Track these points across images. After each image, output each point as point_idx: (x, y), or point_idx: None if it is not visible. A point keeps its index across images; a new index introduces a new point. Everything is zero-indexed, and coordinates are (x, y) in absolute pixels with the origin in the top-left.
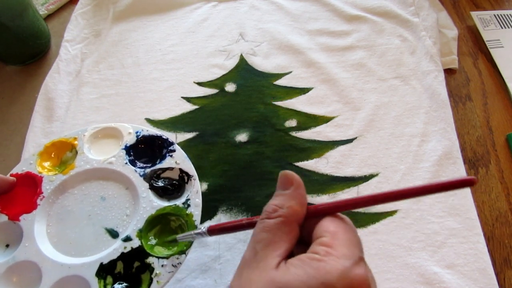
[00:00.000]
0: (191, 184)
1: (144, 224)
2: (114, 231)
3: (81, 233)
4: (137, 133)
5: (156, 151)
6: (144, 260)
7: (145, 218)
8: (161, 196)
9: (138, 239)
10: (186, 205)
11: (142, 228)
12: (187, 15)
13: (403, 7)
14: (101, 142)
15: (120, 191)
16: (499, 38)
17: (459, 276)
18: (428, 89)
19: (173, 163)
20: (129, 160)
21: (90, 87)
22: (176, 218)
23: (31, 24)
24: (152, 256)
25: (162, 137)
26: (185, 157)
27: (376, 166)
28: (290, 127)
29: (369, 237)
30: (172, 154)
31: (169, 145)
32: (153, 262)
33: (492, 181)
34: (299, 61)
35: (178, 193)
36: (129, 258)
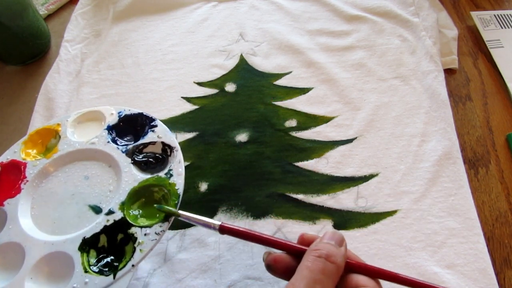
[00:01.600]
0: (174, 156)
1: (126, 196)
2: (98, 207)
3: (65, 212)
4: (119, 113)
5: (138, 129)
6: (127, 231)
7: (128, 191)
8: (144, 170)
9: (121, 211)
10: (168, 175)
11: (125, 200)
12: (187, 15)
13: (403, 7)
14: (84, 125)
15: (103, 169)
16: (499, 38)
17: (459, 276)
18: (428, 89)
19: (155, 137)
20: (111, 139)
21: (90, 87)
22: (159, 188)
23: (31, 24)
24: (134, 226)
25: (143, 114)
26: (167, 131)
27: (376, 166)
28: (290, 127)
29: (369, 237)
30: (154, 129)
31: (151, 121)
32: (136, 231)
33: (492, 181)
34: (299, 61)
35: (161, 165)
36: (112, 230)
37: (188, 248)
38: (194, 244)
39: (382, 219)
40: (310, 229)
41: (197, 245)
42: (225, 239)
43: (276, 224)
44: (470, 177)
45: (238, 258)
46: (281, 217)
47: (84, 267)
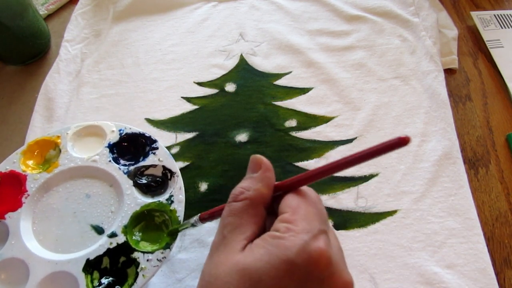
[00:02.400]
0: (174, 181)
1: (129, 220)
2: (100, 228)
3: (67, 230)
4: (120, 131)
5: (139, 149)
6: (130, 255)
7: (130, 215)
8: (145, 193)
9: (124, 235)
10: (169, 201)
11: (127, 224)
12: (187, 15)
13: (403, 7)
14: (84, 140)
15: (105, 189)
16: (499, 38)
17: (459, 276)
18: (428, 89)
19: (156, 161)
20: (113, 158)
21: (90, 87)
22: (160, 214)
23: (31, 24)
24: (137, 251)
25: (145, 134)
26: (168, 155)
27: (376, 166)
28: (290, 127)
29: (369, 237)
30: (155, 152)
31: (152, 143)
32: (139, 257)
33: (492, 181)
34: (299, 61)
35: (161, 189)
36: (115, 253)
37: (188, 248)
38: (194, 244)
39: (382, 219)
40: None
41: (197, 245)
42: None
43: None
44: (470, 177)
45: None
46: None
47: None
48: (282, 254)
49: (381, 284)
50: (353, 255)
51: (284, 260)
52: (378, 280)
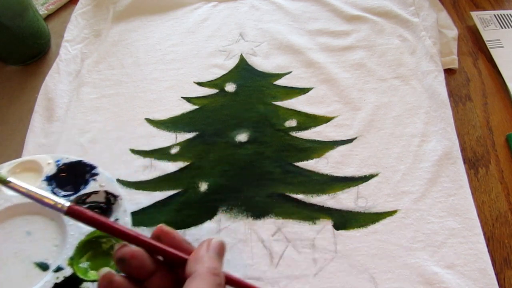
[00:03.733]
0: (118, 204)
1: (74, 251)
2: (44, 264)
3: (9, 272)
4: (57, 162)
5: (79, 178)
6: (79, 286)
7: (75, 245)
8: None
9: (70, 267)
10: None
11: (73, 255)
12: (187, 15)
13: (403, 7)
14: (20, 176)
15: (46, 223)
16: (499, 38)
17: (459, 276)
18: (428, 89)
19: (97, 187)
20: (52, 191)
21: (90, 87)
22: (107, 239)
23: (31, 24)
24: (86, 281)
25: (83, 162)
26: (109, 179)
27: (376, 166)
28: (290, 127)
29: (369, 237)
30: (95, 178)
31: (92, 169)
32: (88, 287)
33: (492, 181)
34: (299, 61)
35: (106, 215)
36: (62, 287)
37: None
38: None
39: (382, 219)
40: (310, 229)
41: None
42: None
43: (276, 224)
44: (470, 177)
45: (238, 258)
46: (281, 217)
47: None
48: None
49: (381, 284)
50: (353, 255)
51: None
52: (378, 280)
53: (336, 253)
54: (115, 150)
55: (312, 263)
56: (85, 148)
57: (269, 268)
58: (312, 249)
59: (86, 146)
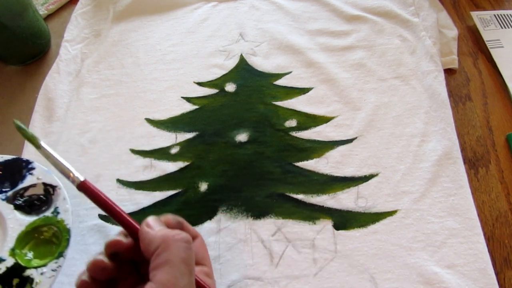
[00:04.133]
0: (57, 194)
1: (15, 242)
2: None
3: None
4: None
5: (15, 174)
6: (22, 274)
7: (15, 237)
8: (29, 213)
9: (12, 257)
10: (55, 213)
11: (14, 246)
12: (187, 15)
13: (403, 7)
14: None
15: None
16: (499, 38)
17: (459, 276)
18: (428, 89)
19: (34, 180)
20: None
21: (90, 87)
22: (48, 228)
23: (31, 24)
24: (29, 269)
25: (19, 159)
26: (46, 171)
27: (376, 166)
28: (290, 127)
29: (369, 237)
30: (32, 172)
31: (28, 164)
32: (32, 273)
33: (492, 181)
34: (299, 61)
35: (46, 205)
36: (6, 277)
37: None
38: None
39: (382, 219)
40: (310, 229)
41: None
42: (225, 239)
43: (276, 224)
44: (470, 177)
45: (238, 258)
46: (281, 217)
47: None
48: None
49: (381, 284)
50: (353, 255)
51: None
52: (378, 280)
53: (336, 253)
54: (115, 150)
55: (312, 263)
56: (85, 148)
57: (269, 268)
58: (312, 249)
59: (86, 146)
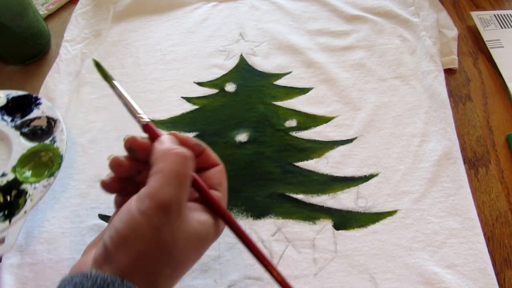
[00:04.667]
0: (57, 126)
1: (17, 162)
2: None
3: None
4: (7, 96)
5: (26, 107)
6: (19, 187)
7: (17, 158)
8: (32, 140)
9: (13, 173)
10: (53, 141)
11: (15, 164)
12: (187, 15)
13: (403, 7)
14: None
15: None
16: (499, 38)
17: (459, 276)
18: (428, 89)
19: (40, 113)
20: (1, 117)
21: (90, 87)
22: (45, 153)
23: (31, 24)
24: (25, 183)
25: (29, 95)
26: (51, 107)
27: (376, 166)
28: (290, 127)
29: (369, 237)
30: (39, 106)
31: (36, 100)
32: (27, 187)
33: (492, 181)
34: (299, 61)
35: (47, 135)
36: (6, 188)
37: None
38: None
39: (382, 219)
40: (310, 229)
41: None
42: (225, 239)
43: (276, 224)
44: (470, 177)
45: (238, 258)
46: (281, 217)
47: None
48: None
49: (381, 284)
50: (353, 255)
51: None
52: (378, 280)
53: (336, 253)
54: (115, 150)
55: (312, 263)
56: (85, 148)
57: None
58: (312, 249)
59: (86, 146)
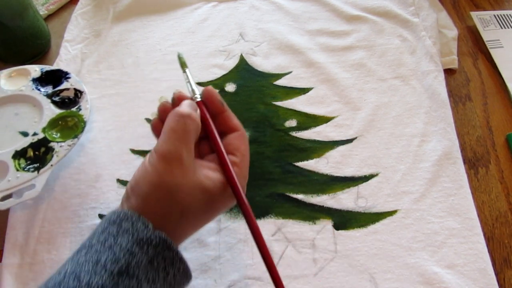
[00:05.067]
0: (83, 97)
1: (47, 124)
2: (25, 132)
3: (1, 138)
4: (41, 69)
5: (56, 80)
6: (48, 145)
7: (48, 121)
8: (61, 108)
9: (43, 133)
10: (78, 109)
11: (46, 126)
12: (187, 15)
13: (403, 7)
14: (14, 78)
15: (30, 108)
16: (499, 38)
17: (459, 276)
18: (428, 89)
19: (68, 85)
20: (35, 87)
21: (90, 87)
22: (71, 118)
23: (31, 24)
24: (53, 142)
25: (60, 70)
26: (78, 81)
27: (376, 166)
28: (290, 127)
29: (369, 237)
30: (68, 80)
31: (66, 74)
32: (54, 145)
33: (492, 181)
34: (299, 61)
35: (74, 104)
36: (36, 145)
37: (188, 248)
38: (194, 244)
39: (382, 219)
40: (310, 229)
41: (197, 245)
42: (225, 239)
43: (276, 224)
44: (470, 177)
45: (238, 258)
46: (281, 217)
47: (16, 168)
48: None
49: (381, 284)
50: (353, 255)
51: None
52: (378, 280)
53: (336, 253)
54: (115, 150)
55: (312, 263)
56: (85, 148)
57: None
58: (312, 249)
59: (86, 146)
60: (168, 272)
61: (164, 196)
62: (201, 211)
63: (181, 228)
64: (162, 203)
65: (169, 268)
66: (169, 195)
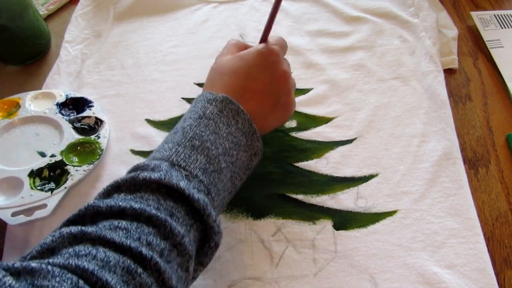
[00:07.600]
0: (103, 126)
1: (65, 147)
2: (43, 153)
3: (20, 155)
4: (66, 95)
5: (79, 107)
6: (64, 167)
7: (67, 144)
8: (80, 134)
9: (61, 155)
10: (97, 137)
11: (64, 149)
12: (188, 17)
13: (402, 8)
14: (39, 101)
15: (51, 130)
16: (499, 38)
17: (459, 276)
18: (428, 89)
19: (90, 113)
20: (59, 111)
21: (91, 88)
22: (89, 145)
23: (31, 24)
24: (69, 165)
25: (84, 98)
26: (100, 110)
27: (376, 166)
28: (290, 127)
29: (369, 237)
30: (91, 108)
31: (89, 103)
32: (70, 168)
33: (492, 181)
34: (299, 62)
35: (93, 131)
36: (53, 167)
37: None
38: None
39: (382, 219)
40: (310, 229)
41: None
42: (225, 239)
43: (276, 224)
44: (470, 177)
45: (238, 258)
46: (281, 217)
47: (30, 186)
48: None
49: (381, 284)
50: (353, 255)
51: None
52: (378, 280)
53: (336, 253)
54: (115, 150)
55: (312, 263)
56: None
57: (269, 268)
58: (312, 249)
59: None
60: (237, 121)
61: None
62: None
63: (252, 105)
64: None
65: (237, 117)
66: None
